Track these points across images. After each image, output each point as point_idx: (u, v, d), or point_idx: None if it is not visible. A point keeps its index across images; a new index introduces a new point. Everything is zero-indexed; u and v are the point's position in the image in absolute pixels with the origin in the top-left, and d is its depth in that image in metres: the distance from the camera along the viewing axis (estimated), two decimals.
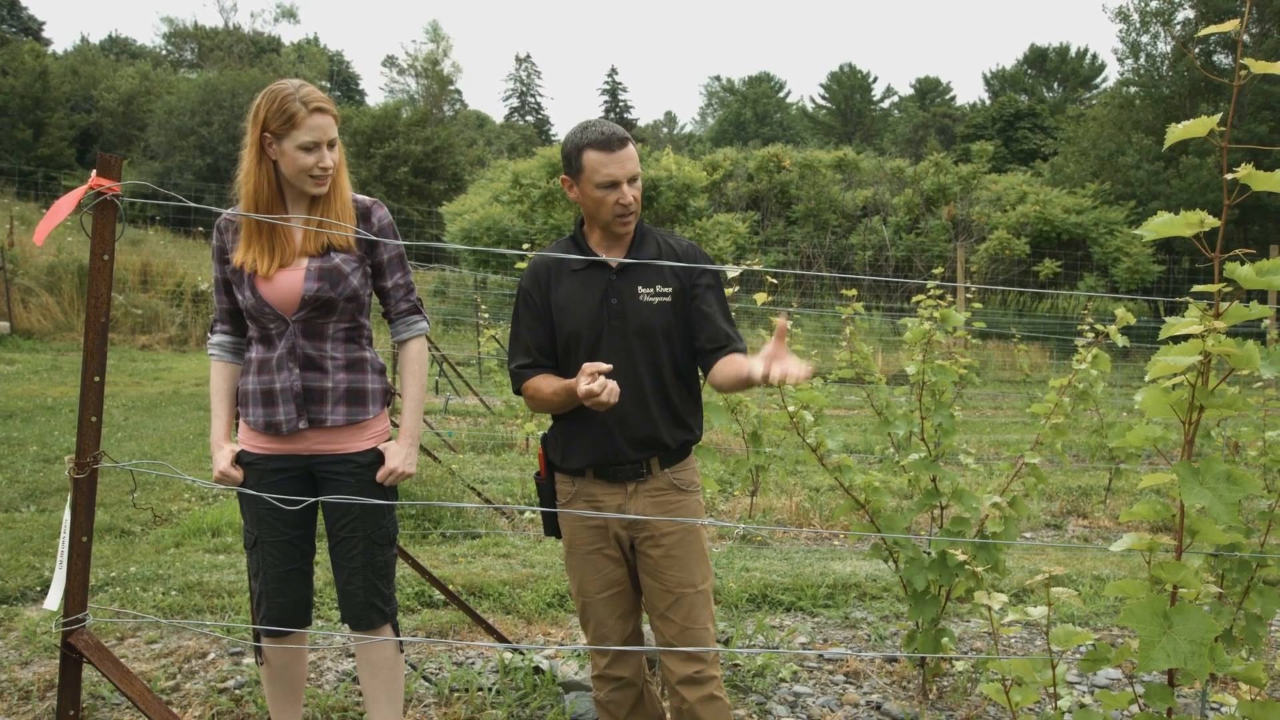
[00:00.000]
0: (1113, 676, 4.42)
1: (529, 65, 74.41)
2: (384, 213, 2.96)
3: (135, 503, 6.39)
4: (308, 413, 2.82)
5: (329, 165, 2.77)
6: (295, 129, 2.71)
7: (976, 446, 10.47)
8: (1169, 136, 1.86)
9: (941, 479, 4.08)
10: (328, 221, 2.81)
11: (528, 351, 2.85)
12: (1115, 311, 4.12)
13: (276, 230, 2.80)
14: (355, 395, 2.88)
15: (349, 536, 2.91)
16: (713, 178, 27.34)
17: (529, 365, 2.85)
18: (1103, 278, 24.07)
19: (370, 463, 2.91)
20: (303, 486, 2.90)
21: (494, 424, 10.87)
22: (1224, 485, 1.75)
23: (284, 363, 2.81)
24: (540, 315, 2.84)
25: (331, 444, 2.88)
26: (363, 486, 2.89)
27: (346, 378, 2.87)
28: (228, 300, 2.91)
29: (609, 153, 2.68)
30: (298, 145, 2.72)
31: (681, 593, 2.81)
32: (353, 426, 2.89)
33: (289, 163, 2.75)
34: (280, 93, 2.73)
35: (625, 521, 2.82)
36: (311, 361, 2.83)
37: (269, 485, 2.85)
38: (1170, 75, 28.51)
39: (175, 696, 3.81)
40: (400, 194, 38.34)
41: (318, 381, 2.83)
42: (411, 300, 3.01)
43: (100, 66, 45.19)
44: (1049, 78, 59.10)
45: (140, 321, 17.82)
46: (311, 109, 2.72)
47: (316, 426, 2.84)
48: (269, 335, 2.84)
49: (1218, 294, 1.83)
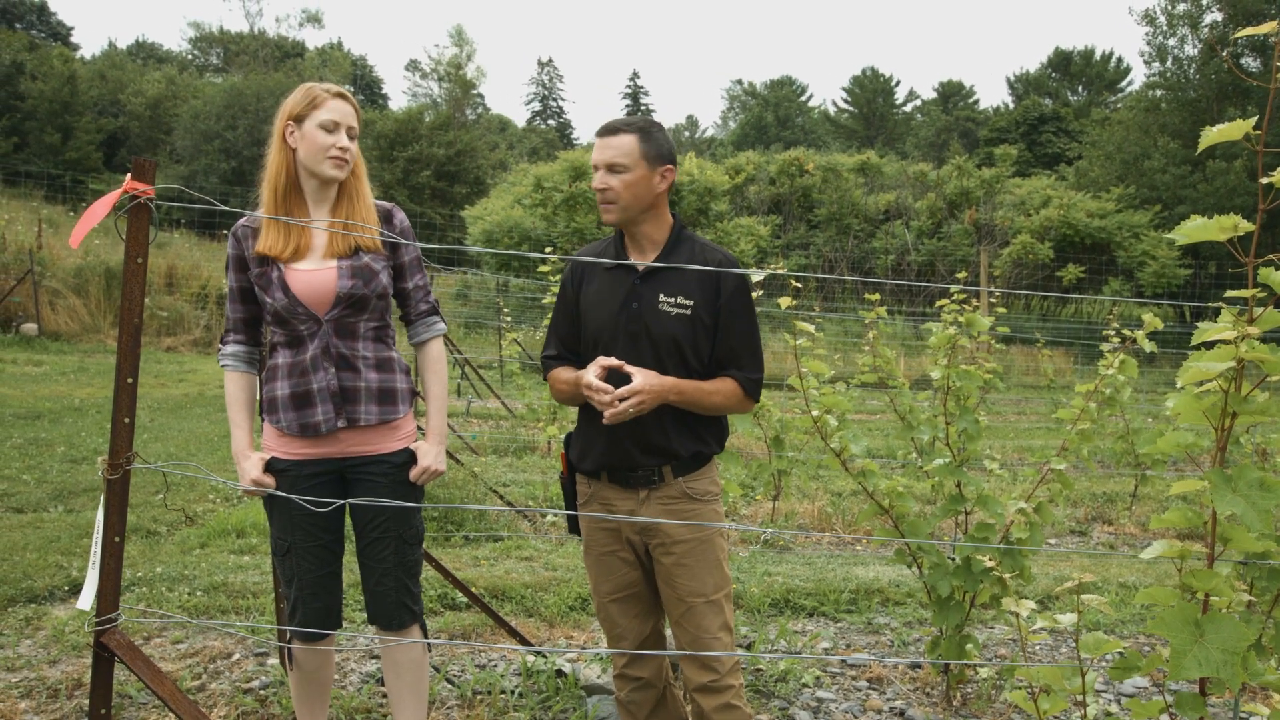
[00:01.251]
0: (1140, 685, 4.38)
1: (551, 69, 74.69)
2: (403, 216, 3.01)
3: (166, 503, 6.44)
4: (345, 412, 2.84)
5: (346, 145, 2.82)
6: (317, 109, 2.79)
7: (1001, 452, 10.41)
8: (1203, 140, 1.84)
9: (966, 484, 4.06)
10: (355, 224, 2.84)
11: (555, 344, 2.96)
12: (1143, 317, 4.09)
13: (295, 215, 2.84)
14: (386, 394, 2.91)
15: (382, 537, 2.93)
16: (734, 181, 27.34)
17: (554, 356, 2.95)
18: (1128, 282, 23.89)
19: (403, 463, 2.94)
20: (335, 490, 2.92)
21: (516, 427, 10.89)
22: (1257, 492, 1.73)
23: (319, 363, 2.82)
24: (570, 310, 2.91)
25: (365, 444, 2.90)
26: (395, 486, 2.92)
27: (378, 376, 2.89)
28: (244, 309, 2.91)
29: (597, 138, 2.77)
30: (318, 124, 2.79)
31: (692, 602, 2.81)
32: (385, 426, 2.91)
33: (308, 145, 2.79)
34: (304, 85, 2.86)
35: (638, 527, 2.83)
36: (345, 360, 2.84)
37: (303, 490, 2.86)
38: (1198, 79, 28.28)
39: (201, 696, 3.84)
40: (423, 197, 38.50)
41: (351, 381, 2.85)
42: (430, 302, 3.06)
43: (127, 71, 45.60)
44: (1073, 81, 58.71)
45: (166, 323, 17.98)
46: (334, 94, 2.83)
47: (352, 426, 2.86)
48: (299, 337, 2.84)
49: (1251, 299, 1.81)
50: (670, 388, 2.68)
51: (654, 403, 2.66)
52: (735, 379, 2.80)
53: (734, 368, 2.81)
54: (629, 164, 2.73)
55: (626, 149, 2.72)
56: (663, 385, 2.67)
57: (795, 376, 4.26)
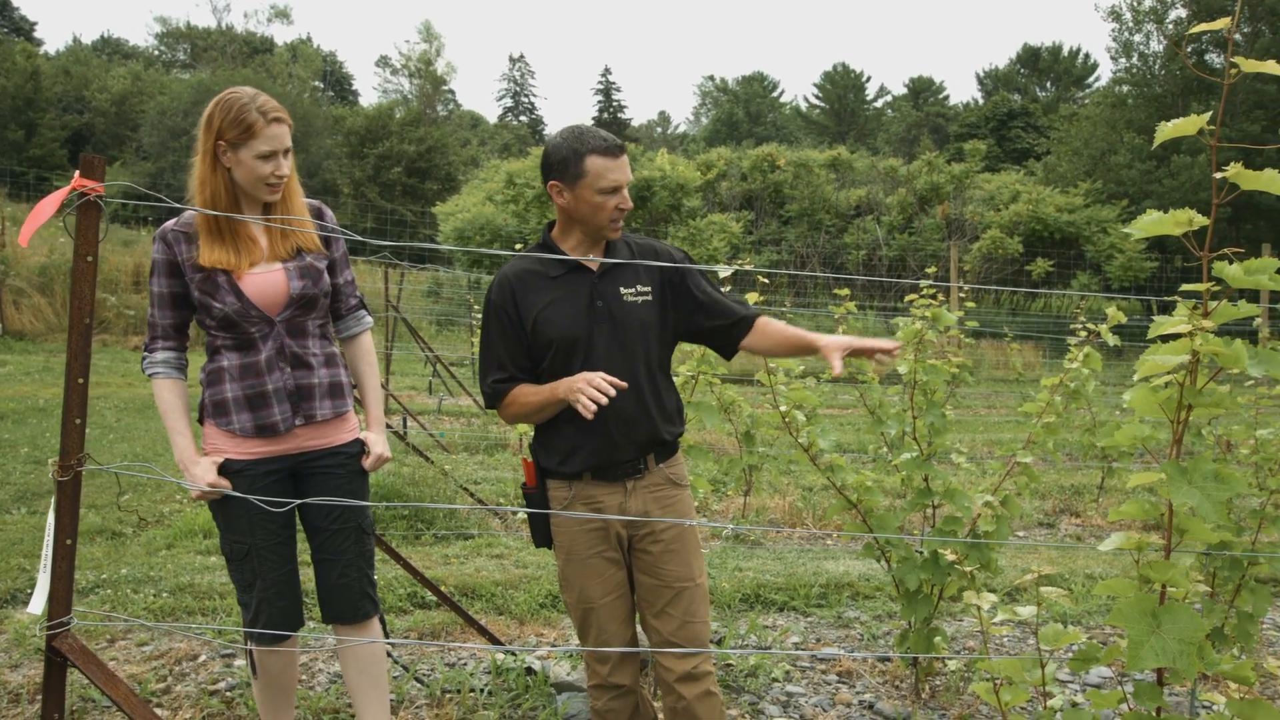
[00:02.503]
0: (1105, 675, 4.43)
1: (523, 65, 74.49)
2: (331, 214, 3.03)
3: (121, 505, 6.34)
4: (301, 410, 2.86)
5: (285, 174, 2.79)
6: (254, 138, 2.70)
7: (970, 445, 10.48)
8: (1159, 135, 1.86)
9: (934, 478, 4.08)
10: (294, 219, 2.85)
11: (503, 366, 2.81)
12: (1106, 310, 4.12)
13: (240, 233, 2.79)
14: (336, 388, 2.96)
15: (341, 529, 2.95)
16: (706, 177, 27.36)
17: (505, 379, 2.82)
18: (1095, 276, 24.13)
19: (356, 453, 3.01)
20: (288, 487, 2.93)
21: (487, 424, 10.85)
22: (1212, 484, 1.75)
23: (274, 363, 2.83)
24: (514, 328, 2.80)
25: (320, 438, 2.93)
26: (351, 476, 2.97)
27: (328, 372, 2.94)
28: (174, 315, 2.81)
29: (613, 159, 2.71)
30: (255, 154, 2.72)
31: (681, 587, 2.83)
32: (337, 419, 2.96)
33: (245, 171, 2.75)
34: (236, 102, 2.71)
35: (625, 520, 2.83)
36: (299, 359, 2.87)
37: (261, 490, 2.84)
38: (1163, 74, 28.59)
39: (166, 699, 3.80)
40: (394, 194, 38.30)
41: (307, 379, 2.88)
42: (358, 296, 3.12)
43: (92, 67, 45.08)
44: (1042, 77, 59.17)
45: (133, 322, 17.77)
46: (270, 119, 2.73)
47: (309, 423, 2.89)
48: (250, 340, 2.81)
49: (1206, 293, 1.83)
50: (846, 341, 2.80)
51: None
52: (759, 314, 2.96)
53: (752, 313, 2.95)
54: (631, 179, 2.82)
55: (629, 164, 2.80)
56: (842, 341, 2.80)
57: (763, 371, 4.26)
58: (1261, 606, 4.19)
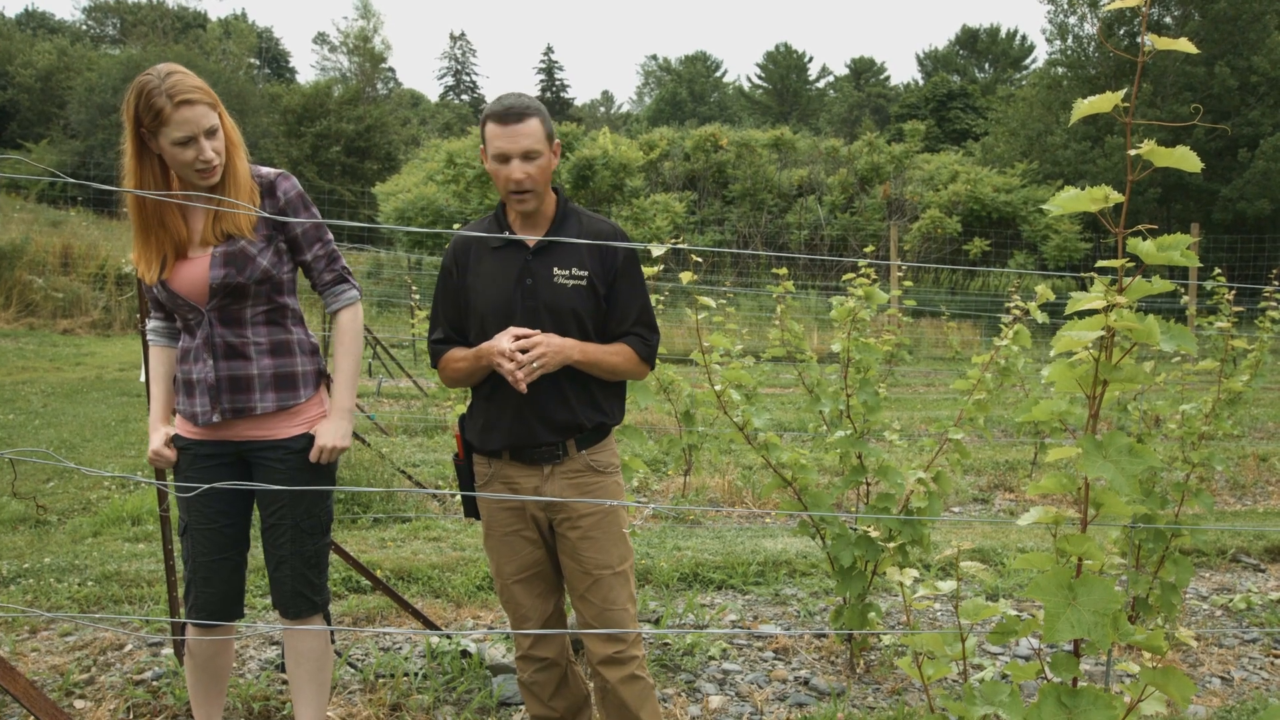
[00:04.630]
0: (1036, 647, 4.51)
1: (464, 43, 73.70)
2: (290, 185, 2.84)
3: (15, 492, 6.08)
4: (233, 403, 2.76)
5: (210, 157, 2.65)
6: (164, 125, 2.58)
7: (907, 423, 10.61)
8: (1075, 111, 1.87)
9: (867, 455, 4.11)
10: (225, 201, 2.69)
11: (442, 328, 2.88)
12: (1036, 289, 4.18)
13: (168, 225, 2.70)
14: (285, 380, 2.83)
15: (278, 524, 2.86)
16: (649, 157, 27.26)
17: (444, 341, 2.87)
18: (1032, 255, 24.52)
19: (303, 449, 2.86)
20: (234, 473, 2.84)
21: (427, 406, 10.75)
22: (1126, 458, 1.78)
23: (200, 353, 2.76)
24: (456, 292, 2.83)
25: (261, 430, 2.83)
26: (294, 473, 2.83)
27: (273, 363, 2.81)
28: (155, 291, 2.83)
29: (502, 125, 2.63)
30: (171, 141, 2.60)
31: (599, 574, 2.81)
32: (284, 412, 2.84)
33: (169, 159, 2.66)
34: (146, 87, 2.57)
35: (543, 504, 2.80)
36: (234, 350, 2.76)
37: (199, 470, 2.80)
38: (1096, 56, 29.05)
39: (90, 690, 3.71)
40: (333, 173, 37.69)
41: (243, 370, 2.77)
42: (336, 269, 2.92)
43: (15, 41, 43.55)
44: (980, 58, 59.92)
45: (61, 305, 17.28)
46: (177, 103, 2.56)
47: (245, 416, 2.78)
48: (189, 325, 2.79)
49: (1121, 269, 1.85)
50: (573, 345, 2.69)
51: (557, 359, 2.65)
52: (631, 344, 2.82)
53: (630, 334, 2.83)
54: (540, 149, 2.69)
55: (536, 133, 2.67)
56: (564, 343, 2.67)
57: (698, 351, 4.26)
58: (1184, 577, 4.30)
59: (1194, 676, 4.26)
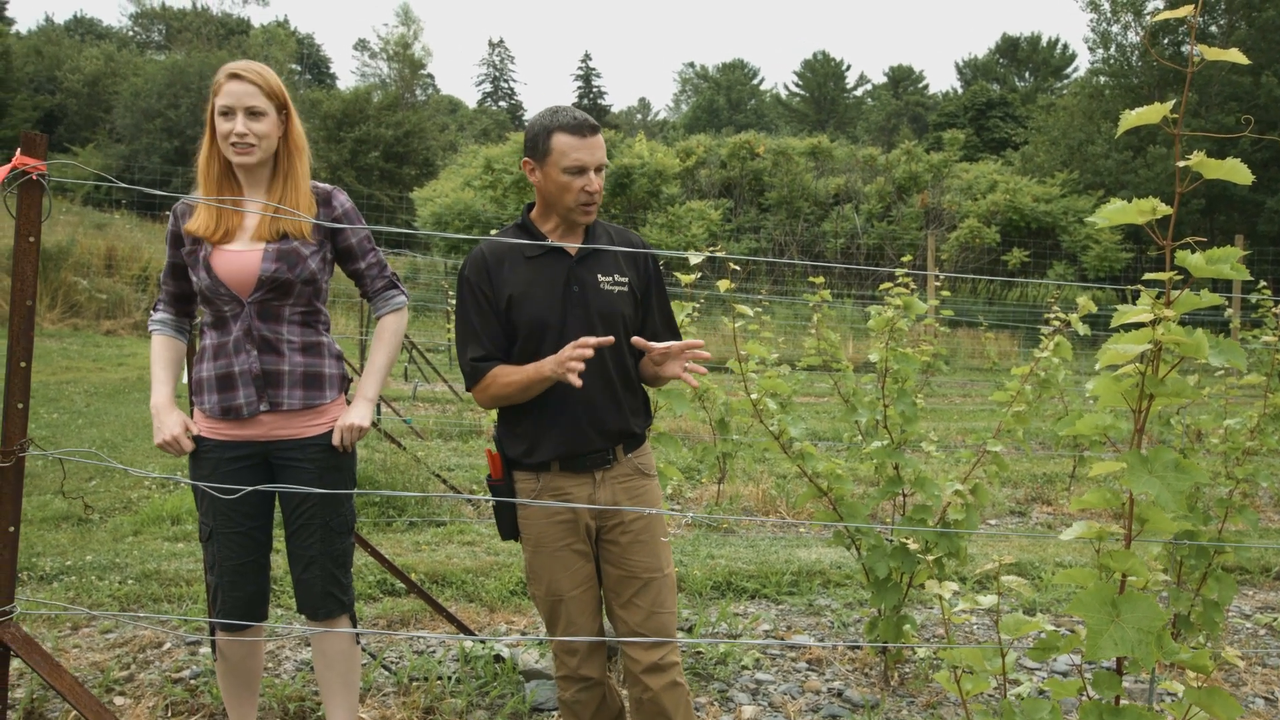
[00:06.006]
0: (1074, 663, 4.45)
1: (502, 50, 74.05)
2: (344, 198, 2.96)
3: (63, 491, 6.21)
4: (267, 395, 2.80)
5: (245, 133, 2.73)
6: (216, 95, 2.75)
7: (943, 434, 10.53)
8: (1122, 123, 1.84)
9: (904, 466, 4.08)
10: (284, 210, 2.78)
11: (480, 342, 2.75)
12: (1077, 300, 4.13)
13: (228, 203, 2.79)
14: (312, 379, 2.87)
15: (307, 524, 2.88)
16: (685, 164, 27.29)
17: (484, 357, 2.74)
18: (1071, 266, 24.26)
19: (328, 446, 2.89)
20: (260, 476, 2.87)
21: (462, 411, 10.81)
22: (1172, 474, 1.75)
23: (241, 345, 2.79)
24: (490, 305, 2.74)
25: (288, 428, 2.85)
26: (322, 472, 2.86)
27: (303, 361, 2.86)
28: (174, 285, 2.92)
29: (580, 138, 2.64)
30: (217, 111, 2.75)
31: (649, 577, 2.80)
32: (309, 411, 2.87)
33: (217, 130, 2.77)
34: (222, 65, 2.80)
35: (594, 511, 2.79)
36: (268, 344, 2.81)
37: (225, 474, 2.81)
38: (1140, 65, 28.73)
39: (129, 687, 3.76)
40: (371, 179, 38.03)
41: (274, 365, 2.82)
42: (387, 276, 3.03)
43: (65, 47, 44.45)
44: (1020, 67, 59.36)
45: (105, 306, 17.57)
46: (229, 74, 2.74)
47: (275, 410, 2.82)
48: (223, 318, 2.82)
49: (1169, 282, 1.82)
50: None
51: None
52: None
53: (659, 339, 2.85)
54: (606, 162, 2.76)
55: (604, 146, 2.74)
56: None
57: (734, 359, 4.25)
58: (1227, 594, 4.22)
59: (1237, 696, 4.18)
